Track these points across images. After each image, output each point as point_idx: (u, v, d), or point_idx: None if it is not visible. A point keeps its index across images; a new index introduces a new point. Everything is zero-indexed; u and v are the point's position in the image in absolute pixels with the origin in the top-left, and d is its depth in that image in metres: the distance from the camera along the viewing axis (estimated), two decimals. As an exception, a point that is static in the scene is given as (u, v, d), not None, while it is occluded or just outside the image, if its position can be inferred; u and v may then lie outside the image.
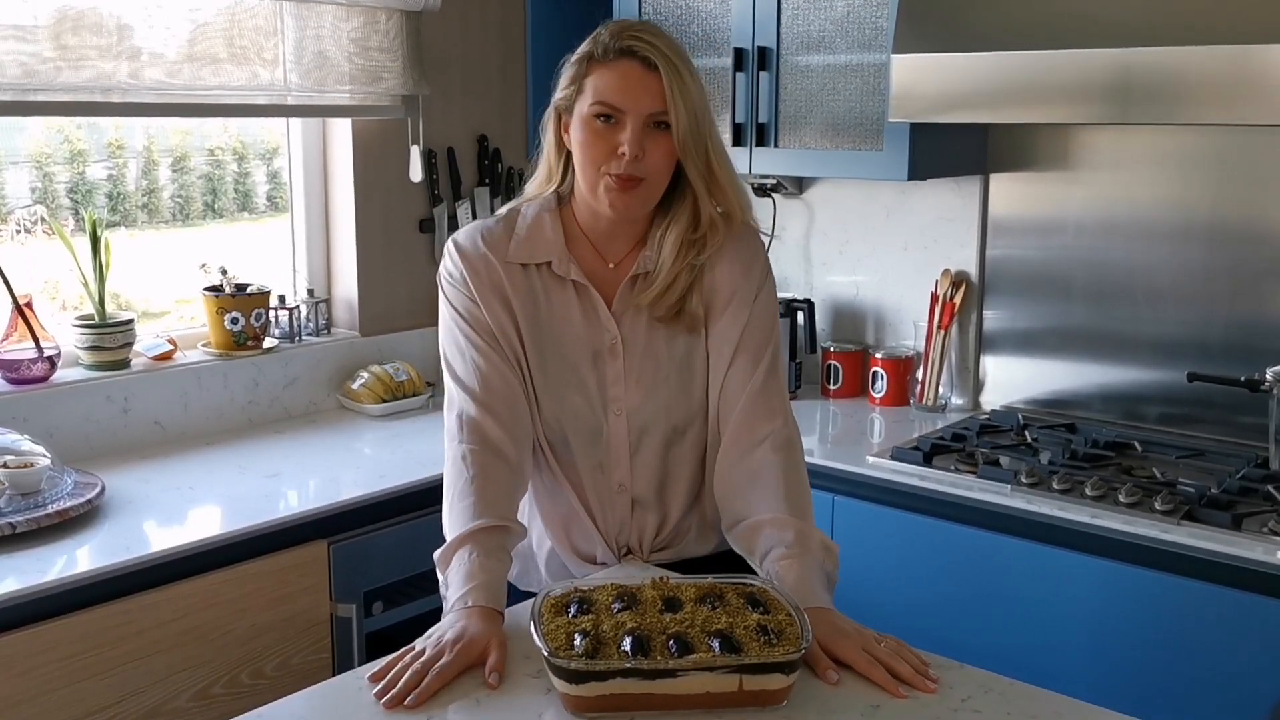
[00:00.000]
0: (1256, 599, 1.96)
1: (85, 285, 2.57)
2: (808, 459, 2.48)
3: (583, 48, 1.63)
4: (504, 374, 1.64)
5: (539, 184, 1.74)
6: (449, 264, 1.69)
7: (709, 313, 1.69)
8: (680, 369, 1.69)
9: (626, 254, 1.70)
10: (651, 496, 1.71)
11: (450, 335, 1.68)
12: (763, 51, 2.74)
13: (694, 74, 1.61)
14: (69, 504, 2.11)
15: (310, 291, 3.00)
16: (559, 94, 1.65)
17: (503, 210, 1.75)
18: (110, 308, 2.60)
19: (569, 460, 1.70)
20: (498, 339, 1.64)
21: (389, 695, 1.35)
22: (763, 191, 3.09)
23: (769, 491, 1.61)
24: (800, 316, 3.02)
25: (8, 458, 2.13)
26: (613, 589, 1.44)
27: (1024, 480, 2.26)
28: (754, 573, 1.60)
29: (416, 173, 3.02)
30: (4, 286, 2.42)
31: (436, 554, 1.56)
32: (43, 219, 2.66)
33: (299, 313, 2.93)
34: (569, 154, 1.68)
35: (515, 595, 1.75)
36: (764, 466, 1.63)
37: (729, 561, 1.70)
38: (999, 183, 2.80)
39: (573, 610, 1.40)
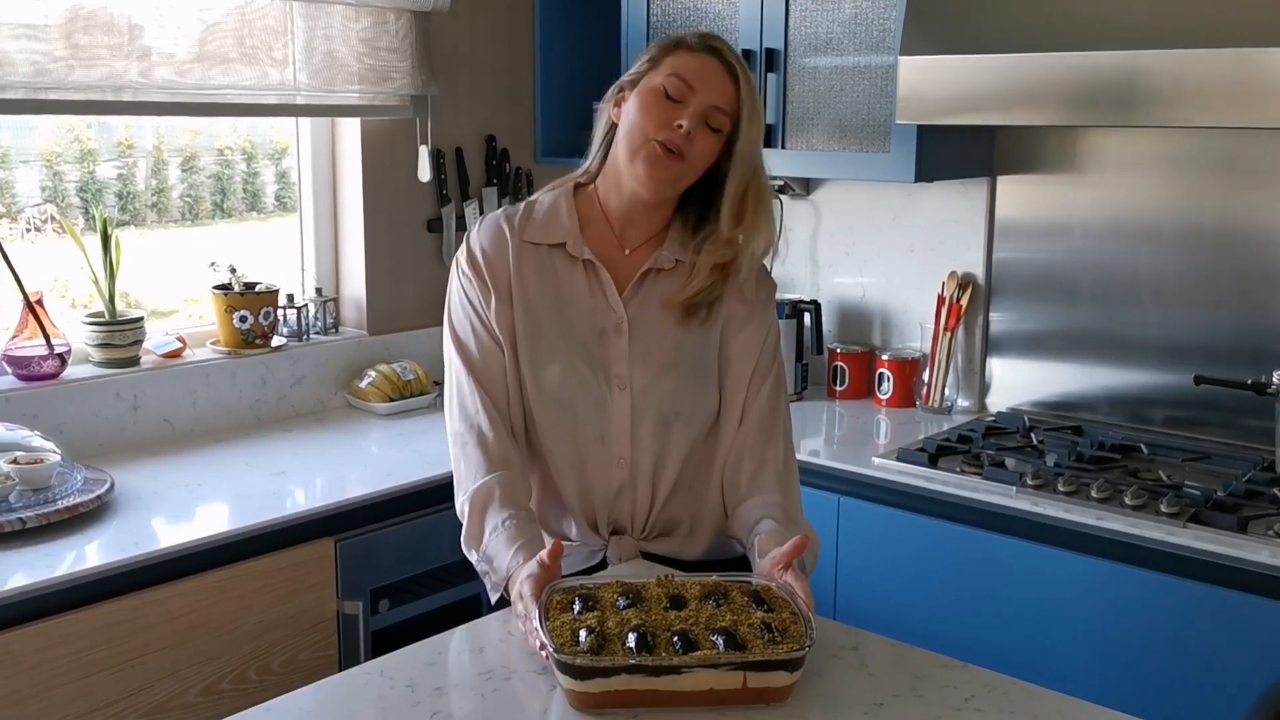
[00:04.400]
0: (1261, 602, 1.96)
1: (95, 283, 2.58)
2: (814, 460, 2.52)
3: (667, 37, 1.75)
4: (497, 356, 1.73)
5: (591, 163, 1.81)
6: (464, 255, 1.78)
7: (728, 324, 1.77)
8: (686, 357, 1.74)
9: (643, 243, 1.76)
10: (647, 474, 1.75)
11: (458, 314, 1.77)
12: (770, 53, 2.74)
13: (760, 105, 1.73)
14: (78, 500, 2.12)
15: (318, 290, 3.01)
16: (630, 73, 1.74)
17: (526, 201, 1.83)
18: (120, 306, 2.62)
19: (569, 428, 1.73)
20: (497, 329, 1.73)
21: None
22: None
23: (771, 503, 1.73)
24: (807, 318, 3.02)
25: (18, 453, 2.14)
26: (618, 586, 1.45)
27: (1029, 482, 2.26)
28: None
29: (425, 172, 3.03)
30: (15, 284, 2.44)
31: (463, 535, 1.67)
32: (53, 217, 2.68)
33: (307, 311, 2.95)
34: (609, 133, 1.75)
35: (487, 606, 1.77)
36: (767, 482, 1.74)
37: (722, 567, 1.75)
38: (1006, 185, 2.80)
39: (578, 607, 1.41)
